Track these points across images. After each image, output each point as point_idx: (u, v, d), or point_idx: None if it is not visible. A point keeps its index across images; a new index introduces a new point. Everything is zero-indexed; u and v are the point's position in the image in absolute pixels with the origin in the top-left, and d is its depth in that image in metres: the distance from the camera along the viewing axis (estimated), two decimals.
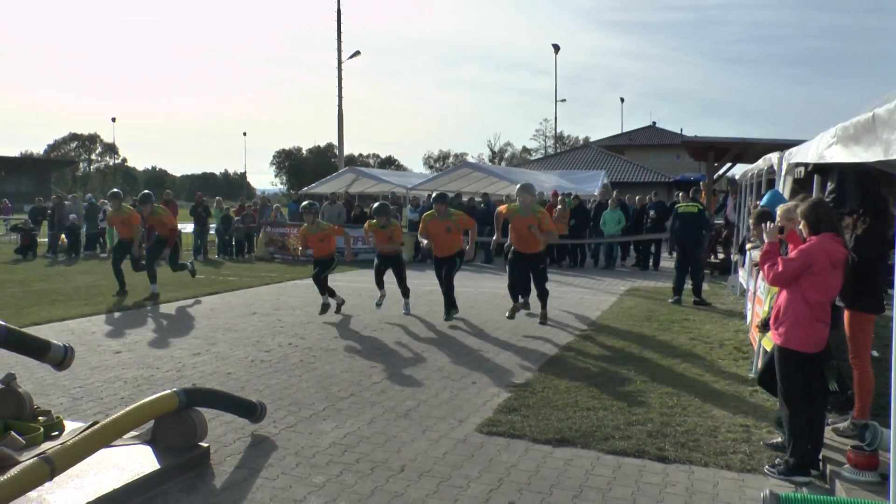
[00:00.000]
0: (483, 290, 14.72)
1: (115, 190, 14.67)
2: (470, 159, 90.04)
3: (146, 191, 14.46)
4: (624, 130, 72.44)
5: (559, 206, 20.24)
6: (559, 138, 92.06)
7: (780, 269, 4.92)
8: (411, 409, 6.59)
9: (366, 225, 11.94)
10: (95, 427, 4.77)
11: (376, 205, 11.90)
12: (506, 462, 5.27)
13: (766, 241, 5.19)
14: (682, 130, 67.30)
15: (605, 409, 6.47)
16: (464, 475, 5.03)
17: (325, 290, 11.60)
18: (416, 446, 5.62)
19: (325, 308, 11.45)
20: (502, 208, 11.21)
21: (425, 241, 11.33)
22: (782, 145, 12.69)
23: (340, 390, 7.23)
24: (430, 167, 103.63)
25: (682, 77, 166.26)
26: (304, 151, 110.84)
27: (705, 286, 13.08)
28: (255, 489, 4.83)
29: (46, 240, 24.34)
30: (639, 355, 8.64)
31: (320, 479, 4.99)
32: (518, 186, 10.87)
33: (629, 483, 4.90)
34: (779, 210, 5.98)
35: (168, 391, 5.25)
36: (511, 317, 10.94)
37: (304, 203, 11.98)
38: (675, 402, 6.68)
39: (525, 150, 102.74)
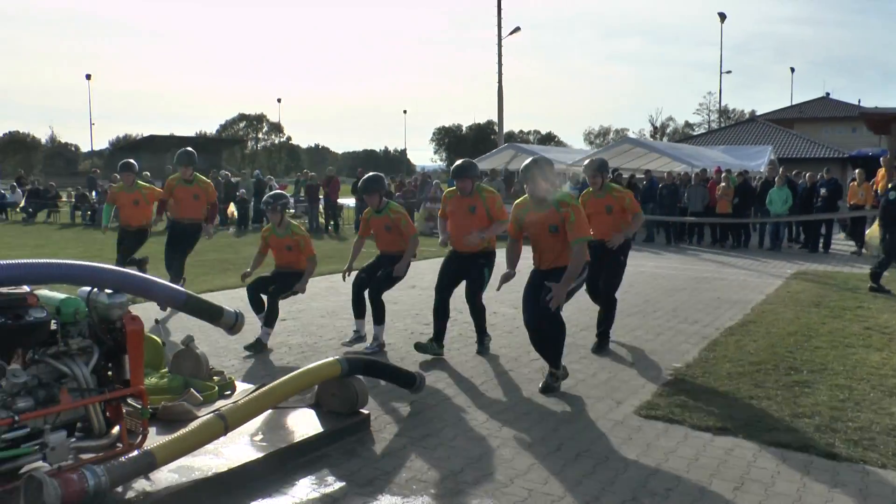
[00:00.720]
0: (642, 268, 14.41)
1: (129, 160, 10.51)
2: (631, 135, 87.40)
3: (188, 148, 10.20)
4: (794, 103, 68.30)
5: (723, 184, 19.57)
6: (724, 112, 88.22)
7: None
8: (569, 387, 6.54)
9: (362, 215, 8.59)
10: (264, 389, 5.05)
11: (365, 177, 8.15)
12: (664, 447, 5.16)
13: None
14: (859, 102, 62.62)
15: (769, 398, 6.19)
16: (621, 457, 4.97)
17: (272, 318, 7.94)
18: (574, 425, 5.59)
19: (259, 346, 7.77)
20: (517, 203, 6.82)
21: (442, 237, 7.95)
22: None
23: (498, 366, 7.29)
24: (591, 143, 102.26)
25: (860, 43, 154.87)
26: (463, 128, 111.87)
27: (886, 273, 12.21)
28: (414, 457, 4.95)
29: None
30: (806, 344, 8.17)
31: (477, 451, 5.05)
32: (523, 165, 6.59)
33: (794, 479, 4.66)
34: None
35: (331, 358, 5.46)
36: (542, 388, 6.49)
37: (270, 194, 8.32)
38: (846, 396, 6.28)
39: (688, 124, 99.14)
